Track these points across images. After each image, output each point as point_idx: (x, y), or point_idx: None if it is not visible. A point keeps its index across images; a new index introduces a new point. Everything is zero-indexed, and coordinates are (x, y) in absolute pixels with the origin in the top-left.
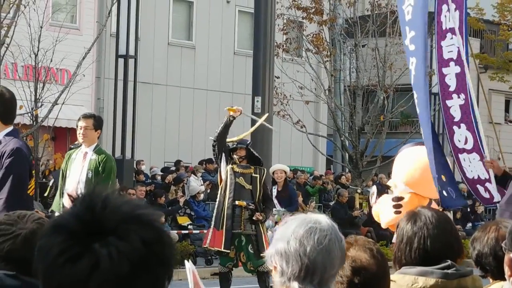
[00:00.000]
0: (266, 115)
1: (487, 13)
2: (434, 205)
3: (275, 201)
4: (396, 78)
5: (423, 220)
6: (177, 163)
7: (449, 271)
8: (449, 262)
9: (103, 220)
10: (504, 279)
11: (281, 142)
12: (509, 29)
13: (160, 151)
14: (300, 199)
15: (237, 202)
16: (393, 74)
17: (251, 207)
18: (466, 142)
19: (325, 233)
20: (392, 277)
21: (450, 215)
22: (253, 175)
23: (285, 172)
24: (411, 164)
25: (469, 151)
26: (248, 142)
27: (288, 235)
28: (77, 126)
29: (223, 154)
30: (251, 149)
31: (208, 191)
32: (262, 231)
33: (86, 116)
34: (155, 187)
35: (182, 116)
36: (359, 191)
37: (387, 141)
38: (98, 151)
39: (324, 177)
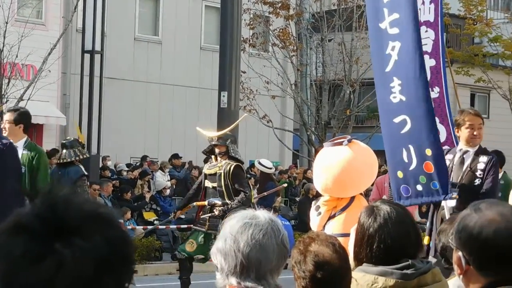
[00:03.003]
0: (245, 115)
1: (452, 7)
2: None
3: None
4: (363, 72)
5: (383, 216)
6: (143, 158)
7: (408, 271)
8: (409, 261)
9: (65, 219)
10: None
11: (248, 137)
12: (475, 23)
13: (126, 146)
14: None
15: (194, 204)
16: (359, 69)
17: (216, 204)
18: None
19: (260, 228)
20: (353, 274)
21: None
22: (218, 171)
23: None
24: (323, 171)
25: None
26: (227, 139)
27: (226, 232)
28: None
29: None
30: (230, 147)
31: (174, 186)
32: None
33: (9, 110)
34: (121, 183)
35: (148, 112)
36: None
37: (354, 135)
38: (28, 145)
39: (289, 172)
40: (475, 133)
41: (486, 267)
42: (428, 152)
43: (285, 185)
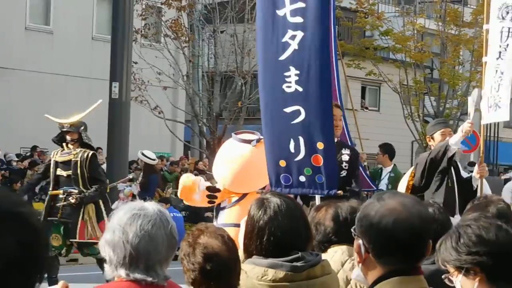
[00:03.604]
0: (100, 101)
1: (344, 0)
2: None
3: None
4: (254, 64)
5: (273, 208)
6: (33, 148)
7: (298, 263)
8: (299, 254)
9: None
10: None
11: (139, 128)
12: (366, 16)
13: (16, 136)
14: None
15: (49, 192)
16: (251, 60)
17: (72, 193)
18: (339, 128)
19: (148, 219)
20: (242, 266)
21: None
22: (73, 159)
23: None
24: (224, 164)
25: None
26: (80, 127)
27: (114, 224)
28: None
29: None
30: (83, 134)
31: None
32: (81, 218)
33: None
34: (10, 173)
35: (39, 102)
36: None
37: (245, 127)
38: None
39: (180, 163)
40: (336, 124)
41: (384, 256)
42: (320, 145)
43: (131, 176)
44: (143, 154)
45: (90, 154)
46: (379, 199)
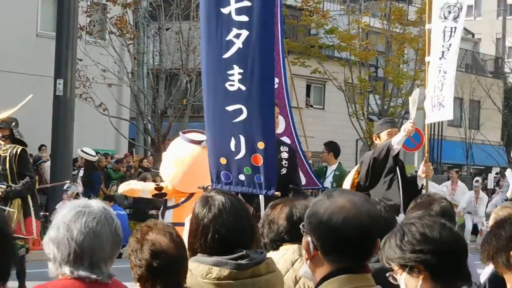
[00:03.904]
0: (30, 96)
1: None
2: None
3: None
4: (199, 61)
5: (218, 206)
6: None
7: (242, 261)
8: (244, 252)
9: None
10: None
11: (83, 125)
12: (311, 14)
13: None
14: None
15: None
16: (196, 58)
17: (1, 188)
18: (276, 126)
19: (93, 216)
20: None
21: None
22: (2, 155)
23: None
24: (174, 164)
25: (279, 135)
26: (12, 123)
27: (58, 221)
28: None
29: None
30: (14, 130)
31: None
32: (6, 212)
33: None
34: None
35: None
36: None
37: (190, 125)
38: None
39: (125, 160)
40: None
41: (333, 254)
42: (261, 145)
43: (68, 181)
44: (82, 151)
45: (19, 150)
46: (329, 197)
